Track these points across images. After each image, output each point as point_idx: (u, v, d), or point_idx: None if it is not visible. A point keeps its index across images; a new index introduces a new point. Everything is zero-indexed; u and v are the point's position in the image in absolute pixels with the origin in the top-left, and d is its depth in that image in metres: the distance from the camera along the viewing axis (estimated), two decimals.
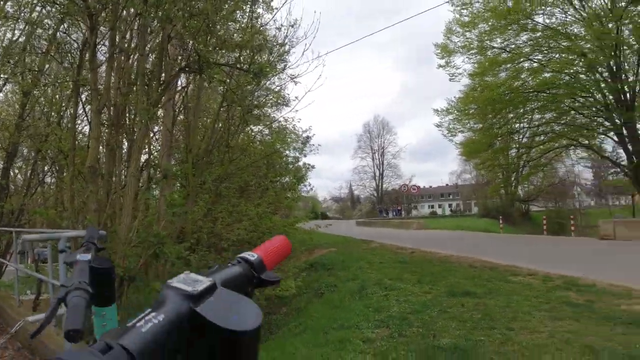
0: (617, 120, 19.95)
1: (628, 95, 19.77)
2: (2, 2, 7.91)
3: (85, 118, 9.04)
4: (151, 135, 9.33)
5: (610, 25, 18.75)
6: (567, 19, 20.35)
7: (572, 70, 20.64)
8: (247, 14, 6.08)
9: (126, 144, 7.86)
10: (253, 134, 13.49)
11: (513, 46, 21.57)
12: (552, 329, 4.57)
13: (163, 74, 6.40)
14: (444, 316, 5.43)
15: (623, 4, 18.52)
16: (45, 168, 12.72)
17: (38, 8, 8.13)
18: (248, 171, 8.22)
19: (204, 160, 8.06)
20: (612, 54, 19.16)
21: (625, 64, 20.31)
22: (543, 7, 20.26)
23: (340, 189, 79.89)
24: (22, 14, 8.28)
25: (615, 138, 21.17)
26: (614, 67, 19.47)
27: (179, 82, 8.99)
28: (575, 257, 10.99)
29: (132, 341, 0.39)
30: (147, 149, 8.76)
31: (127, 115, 7.94)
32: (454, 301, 6.10)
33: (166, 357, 0.41)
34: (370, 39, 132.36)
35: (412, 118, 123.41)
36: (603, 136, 22.69)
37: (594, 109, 21.31)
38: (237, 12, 5.61)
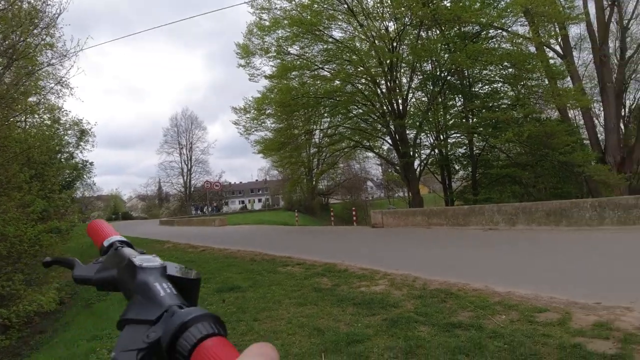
0: (391, 126, 23.10)
1: (401, 104, 23.10)
2: None
3: None
4: None
5: (391, 45, 21.67)
6: (355, 35, 22.76)
7: (357, 81, 23.18)
8: None
9: None
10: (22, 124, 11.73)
11: (309, 54, 23.20)
12: (293, 315, 5.04)
13: None
14: None
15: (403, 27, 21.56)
16: None
17: None
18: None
19: None
20: (388, 69, 22.15)
21: (402, 77, 23.79)
22: (335, 22, 22.28)
23: (147, 186, 74.98)
24: None
25: (390, 141, 24.54)
26: (391, 81, 22.50)
27: None
28: (345, 244, 12.39)
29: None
30: None
31: None
32: (218, 297, 6.27)
33: None
34: (183, 34, 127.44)
35: (223, 113, 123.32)
36: (382, 139, 26.17)
37: (373, 116, 24.30)
38: None
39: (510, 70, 22.60)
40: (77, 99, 36.82)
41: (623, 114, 24.83)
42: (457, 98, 25.37)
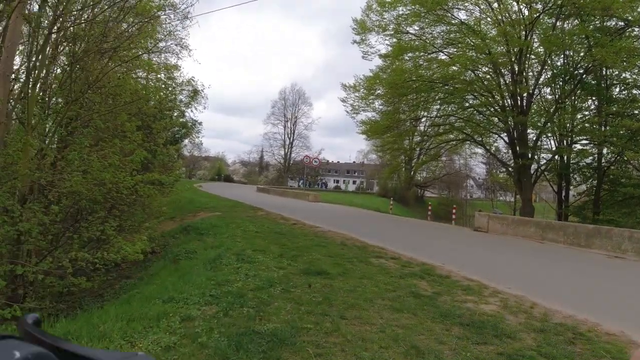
0: (510, 123, 21.03)
1: (525, 100, 20.89)
2: None
3: None
4: None
5: (522, 33, 19.58)
6: (482, 17, 20.89)
7: (478, 69, 21.34)
8: None
9: None
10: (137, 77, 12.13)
11: (429, 36, 21.74)
12: (386, 322, 4.26)
13: None
14: (284, 296, 4.97)
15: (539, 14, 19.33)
16: None
17: None
18: (106, 117, 7.08)
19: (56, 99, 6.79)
20: (516, 59, 20.05)
21: (529, 71, 21.49)
22: (461, 2, 20.58)
23: (249, 153, 78.17)
24: None
25: (506, 139, 22.42)
26: (517, 72, 20.37)
27: None
28: (444, 244, 11.28)
29: None
30: None
31: None
32: (304, 280, 5.69)
33: None
34: (299, 10, 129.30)
35: (330, 92, 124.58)
36: (497, 136, 24.02)
37: (492, 109, 22.30)
38: None
39: None
40: (194, 61, 38.48)
41: None
42: (590, 101, 22.47)
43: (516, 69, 20.37)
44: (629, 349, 4.18)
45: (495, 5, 20.28)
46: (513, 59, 20.14)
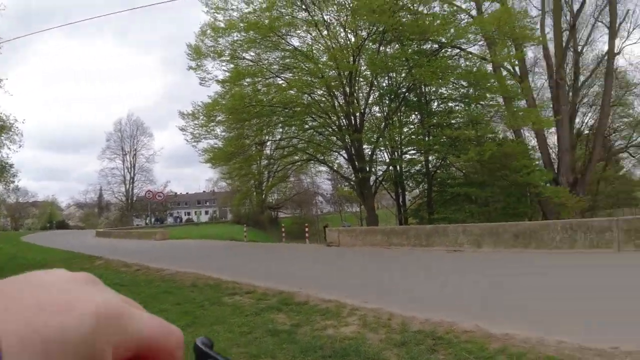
0: (347, 140, 22.34)
1: (358, 119, 22.42)
2: None
3: None
4: None
5: (351, 58, 21.11)
6: (314, 43, 21.99)
7: (314, 93, 22.33)
8: None
9: None
10: None
11: (265, 62, 22.10)
12: None
13: None
14: None
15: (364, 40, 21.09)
16: None
17: None
18: None
19: None
20: (347, 81, 21.49)
21: (359, 92, 23.21)
22: (294, 29, 21.41)
23: (86, 193, 70.24)
24: None
25: (346, 156, 23.77)
26: (348, 93, 21.79)
27: None
28: (300, 265, 11.23)
29: None
30: None
31: None
32: None
33: None
34: (137, 38, 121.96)
35: (173, 120, 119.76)
36: (337, 153, 25.35)
37: (330, 129, 23.48)
38: None
39: (465, 89, 22.57)
40: (5, 92, 32.82)
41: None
42: (413, 115, 25.11)
43: (348, 90, 21.80)
44: (488, 344, 4.31)
45: (325, 32, 21.48)
46: (344, 82, 21.52)
